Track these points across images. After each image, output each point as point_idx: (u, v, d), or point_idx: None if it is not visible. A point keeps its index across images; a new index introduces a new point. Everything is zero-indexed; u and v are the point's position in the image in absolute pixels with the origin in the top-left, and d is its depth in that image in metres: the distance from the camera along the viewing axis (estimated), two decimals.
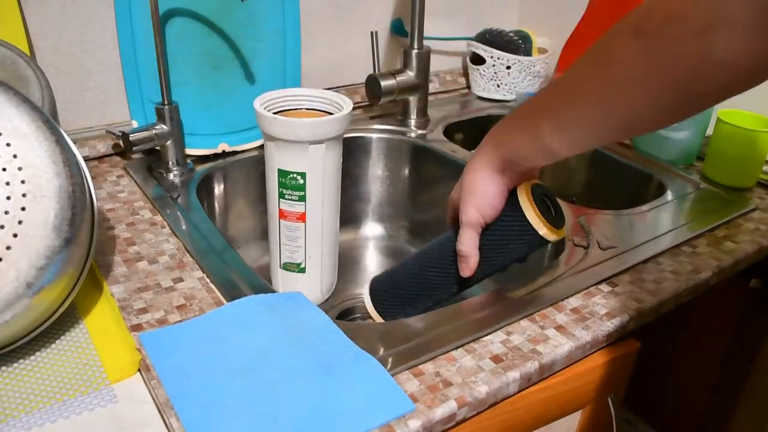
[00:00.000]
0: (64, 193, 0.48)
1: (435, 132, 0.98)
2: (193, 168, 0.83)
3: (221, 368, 0.49)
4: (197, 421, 0.44)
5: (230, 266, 0.63)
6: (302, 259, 0.64)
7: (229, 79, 0.87)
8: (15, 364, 0.49)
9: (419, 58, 0.96)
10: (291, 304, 0.57)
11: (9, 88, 0.49)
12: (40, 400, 0.46)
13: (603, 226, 0.73)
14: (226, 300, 0.58)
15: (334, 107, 0.63)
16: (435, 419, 0.46)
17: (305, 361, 0.50)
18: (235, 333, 0.53)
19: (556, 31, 1.15)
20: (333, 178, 0.62)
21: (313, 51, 1.01)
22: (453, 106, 1.11)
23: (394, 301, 0.62)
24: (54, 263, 0.47)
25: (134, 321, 0.55)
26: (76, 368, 0.49)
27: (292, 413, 0.45)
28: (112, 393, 0.47)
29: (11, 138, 0.47)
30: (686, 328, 0.93)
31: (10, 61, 0.68)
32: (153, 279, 0.61)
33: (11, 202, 0.46)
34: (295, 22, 0.92)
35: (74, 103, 0.85)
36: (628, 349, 0.61)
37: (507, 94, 1.12)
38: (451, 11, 1.14)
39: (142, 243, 0.67)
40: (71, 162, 0.50)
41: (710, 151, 0.85)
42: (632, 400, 1.03)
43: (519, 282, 0.62)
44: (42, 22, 0.79)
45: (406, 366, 0.50)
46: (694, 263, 0.67)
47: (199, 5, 0.82)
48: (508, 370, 0.51)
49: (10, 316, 0.46)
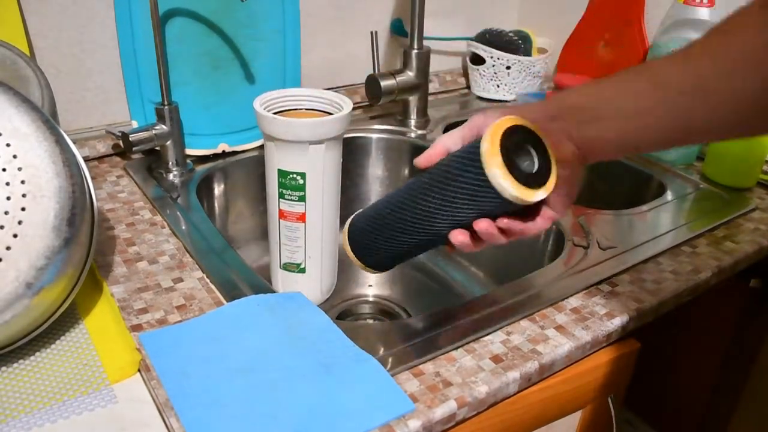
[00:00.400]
0: (64, 193, 0.48)
1: (435, 132, 0.98)
2: (193, 168, 0.83)
3: (221, 368, 0.49)
4: (197, 421, 0.44)
5: (230, 266, 0.63)
6: (302, 259, 0.64)
7: (229, 79, 0.87)
8: (15, 365, 0.49)
9: (419, 58, 0.96)
10: (291, 304, 0.57)
11: (9, 89, 0.49)
12: (40, 400, 0.46)
13: (603, 226, 0.73)
14: (226, 300, 0.58)
15: (334, 107, 0.63)
16: (435, 419, 0.46)
17: (305, 361, 0.50)
18: (235, 333, 0.53)
19: (556, 31, 1.15)
20: (333, 178, 0.62)
21: (313, 51, 1.01)
22: (453, 106, 1.11)
23: (371, 242, 0.54)
24: (54, 263, 0.47)
25: (134, 321, 0.55)
26: (76, 368, 0.49)
27: (292, 413, 0.45)
28: (112, 393, 0.47)
29: (11, 138, 0.47)
30: (686, 328, 0.93)
31: (10, 62, 0.68)
32: (153, 279, 0.61)
33: (11, 202, 0.46)
34: (295, 22, 0.92)
35: (74, 103, 0.85)
36: (628, 349, 0.61)
37: (507, 95, 1.12)
38: (450, 11, 1.14)
39: (142, 243, 0.67)
40: (71, 162, 0.50)
41: (710, 151, 0.86)
42: (632, 400, 1.03)
43: (519, 282, 0.62)
44: (42, 22, 0.79)
45: (406, 366, 0.50)
46: (694, 263, 0.67)
47: (198, 5, 0.82)
48: (508, 370, 0.51)
49: (9, 316, 0.46)
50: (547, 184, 0.45)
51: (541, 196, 0.45)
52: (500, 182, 0.43)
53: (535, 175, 0.45)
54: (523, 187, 0.43)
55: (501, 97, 1.12)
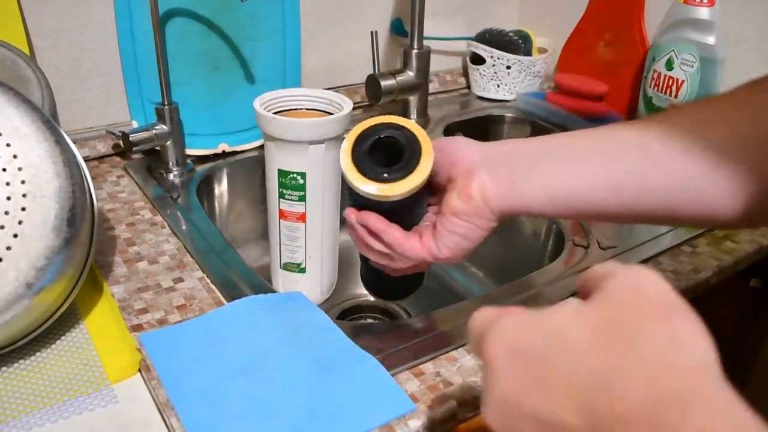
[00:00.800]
0: (64, 193, 0.48)
1: (435, 132, 0.98)
2: (193, 168, 0.83)
3: (221, 368, 0.49)
4: (197, 421, 0.44)
5: (230, 266, 0.63)
6: (302, 259, 0.64)
7: (229, 79, 0.87)
8: (15, 365, 0.49)
9: (419, 58, 0.96)
10: (291, 304, 0.57)
11: (9, 89, 0.49)
12: (41, 400, 0.46)
13: (603, 226, 0.72)
14: (226, 300, 0.58)
15: (334, 107, 0.63)
16: (435, 419, 0.46)
17: (305, 361, 0.50)
18: (235, 333, 0.53)
19: (556, 30, 1.15)
20: (333, 178, 0.62)
21: (313, 51, 1.01)
22: (453, 106, 1.11)
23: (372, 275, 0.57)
24: (54, 263, 0.47)
25: (134, 321, 0.55)
26: (77, 368, 0.49)
27: (292, 413, 0.45)
28: (113, 393, 0.47)
29: (11, 138, 0.47)
30: None
31: (10, 62, 0.68)
32: (153, 279, 0.61)
33: (11, 202, 0.46)
34: (295, 22, 0.92)
35: (74, 103, 0.85)
36: None
37: (507, 94, 1.12)
38: (450, 11, 1.14)
39: (142, 243, 0.67)
40: (71, 162, 0.50)
41: None
42: None
43: (519, 281, 0.62)
44: (42, 22, 0.79)
45: (407, 366, 0.50)
46: (694, 263, 0.67)
47: (198, 5, 0.82)
48: None
49: (10, 316, 0.46)
50: (401, 182, 0.44)
51: (384, 190, 0.44)
52: (344, 171, 0.45)
53: (391, 171, 0.45)
54: (363, 177, 0.45)
55: (501, 97, 1.12)
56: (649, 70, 0.94)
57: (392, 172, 0.45)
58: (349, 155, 0.46)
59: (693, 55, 0.87)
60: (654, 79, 0.93)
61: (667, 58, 0.90)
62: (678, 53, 0.89)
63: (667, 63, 0.90)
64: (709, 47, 0.86)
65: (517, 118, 1.09)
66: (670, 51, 0.90)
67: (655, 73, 0.93)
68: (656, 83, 0.93)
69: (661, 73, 0.92)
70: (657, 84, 0.93)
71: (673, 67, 0.90)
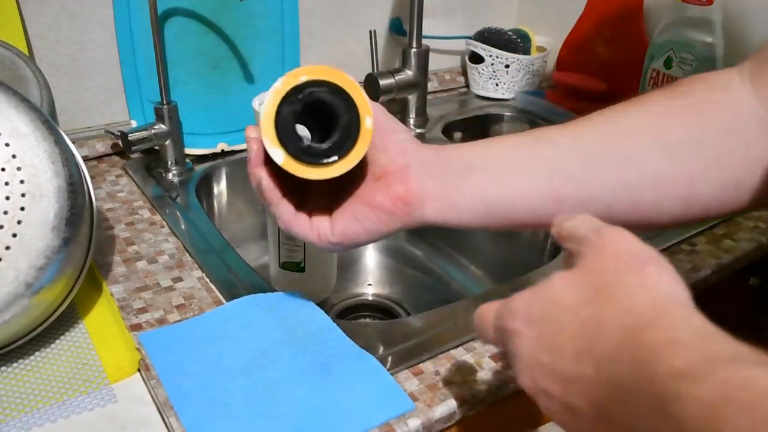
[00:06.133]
0: (63, 192, 0.48)
1: (434, 131, 0.98)
2: (192, 167, 0.83)
3: (221, 368, 0.49)
4: (197, 421, 0.44)
5: (229, 266, 0.63)
6: (301, 258, 0.64)
7: (228, 78, 0.87)
8: (14, 364, 0.49)
9: (418, 57, 0.96)
10: (291, 304, 0.57)
11: (8, 88, 0.49)
12: (40, 400, 0.46)
13: None
14: (225, 299, 0.58)
15: None
16: (435, 418, 0.46)
17: (305, 360, 0.50)
18: (235, 333, 0.53)
19: (555, 29, 1.15)
20: None
21: (312, 50, 1.01)
22: (452, 104, 1.11)
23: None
24: (53, 263, 0.47)
25: (134, 321, 0.55)
26: (76, 368, 0.49)
27: (292, 413, 0.45)
28: (112, 393, 0.47)
29: (10, 138, 0.47)
30: None
31: (9, 62, 0.68)
32: (152, 279, 0.61)
33: (10, 202, 0.46)
34: (294, 22, 0.92)
35: (73, 103, 0.85)
36: None
37: (506, 93, 1.12)
38: (449, 10, 1.14)
39: (141, 243, 0.66)
40: (70, 162, 0.50)
41: None
42: None
43: (519, 280, 0.62)
44: (41, 22, 0.79)
45: (406, 365, 0.50)
46: (693, 261, 0.67)
47: (197, 5, 0.82)
48: (508, 368, 0.51)
49: (9, 316, 0.46)
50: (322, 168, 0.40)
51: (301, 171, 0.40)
52: (262, 130, 0.40)
53: (314, 154, 0.40)
54: (280, 145, 0.40)
55: (500, 96, 1.12)
56: (648, 69, 0.94)
57: (314, 155, 0.40)
58: (273, 114, 0.40)
59: (692, 54, 0.87)
60: (652, 78, 0.93)
61: (666, 57, 0.90)
62: (677, 52, 0.89)
63: (666, 62, 0.90)
64: (707, 46, 0.86)
65: (515, 117, 1.09)
66: (669, 50, 0.90)
67: (653, 71, 0.93)
68: (655, 82, 0.93)
69: (659, 71, 0.92)
70: (656, 83, 0.93)
71: (671, 66, 0.90)
